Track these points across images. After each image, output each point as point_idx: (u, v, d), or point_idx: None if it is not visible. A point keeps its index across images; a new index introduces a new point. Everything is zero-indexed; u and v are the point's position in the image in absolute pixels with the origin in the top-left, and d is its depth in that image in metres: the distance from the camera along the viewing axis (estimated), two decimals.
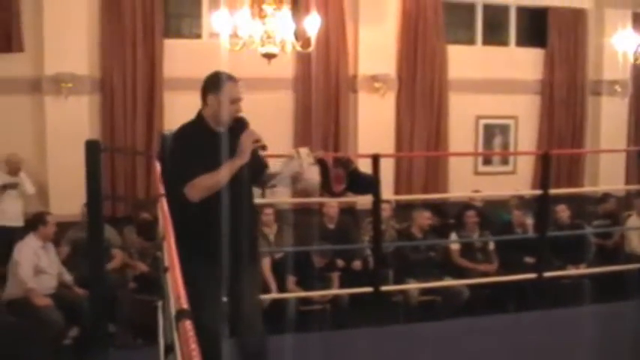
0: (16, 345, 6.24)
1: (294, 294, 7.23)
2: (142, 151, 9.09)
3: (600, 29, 10.96)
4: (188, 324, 1.59)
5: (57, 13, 8.57)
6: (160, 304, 3.97)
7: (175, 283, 1.98)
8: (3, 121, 8.64)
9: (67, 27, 8.59)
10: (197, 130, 3.77)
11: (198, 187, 3.58)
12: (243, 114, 3.87)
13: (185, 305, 1.74)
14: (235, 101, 3.76)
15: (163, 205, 3.44)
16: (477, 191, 9.57)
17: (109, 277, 6.68)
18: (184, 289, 3.48)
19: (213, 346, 3.64)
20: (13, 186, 8.30)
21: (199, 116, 3.83)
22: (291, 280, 7.43)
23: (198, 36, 9.68)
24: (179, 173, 3.66)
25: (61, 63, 8.58)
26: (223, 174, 3.62)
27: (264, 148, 3.76)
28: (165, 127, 8.69)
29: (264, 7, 6.97)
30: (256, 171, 3.90)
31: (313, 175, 4.03)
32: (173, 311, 1.86)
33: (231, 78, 3.78)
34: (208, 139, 3.71)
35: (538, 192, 7.09)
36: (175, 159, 3.76)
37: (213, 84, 3.76)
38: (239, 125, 3.77)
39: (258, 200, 5.90)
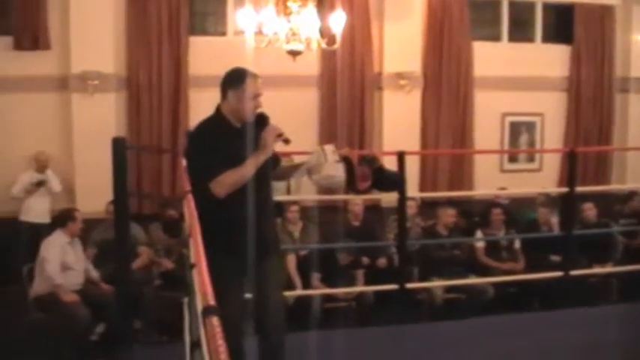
0: (44, 341, 6.31)
1: (319, 291, 7.24)
2: (168, 148, 9.14)
3: (628, 26, 10.86)
4: (215, 320, 1.59)
5: (83, 11, 8.64)
6: (185, 300, 3.98)
7: (202, 279, 1.99)
8: (30, 118, 8.74)
9: (93, 25, 8.66)
10: (217, 126, 3.77)
11: (224, 183, 3.59)
12: (268, 111, 3.85)
13: (212, 302, 1.74)
14: (255, 97, 3.75)
15: (190, 202, 3.46)
16: (502, 188, 9.52)
17: (135, 274, 6.72)
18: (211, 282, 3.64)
19: (235, 342, 3.60)
20: (41, 183, 8.40)
21: (218, 112, 3.83)
22: (315, 277, 7.43)
23: (224, 33, 9.72)
24: (203, 170, 3.66)
25: (87, 61, 8.65)
26: (248, 169, 3.63)
27: (287, 141, 3.74)
28: (191, 125, 8.75)
29: (289, 4, 6.97)
30: (272, 166, 3.91)
31: (339, 172, 4.03)
32: (200, 307, 1.87)
33: (251, 73, 3.77)
34: (229, 135, 3.72)
35: (564, 190, 7.04)
36: (197, 156, 3.75)
37: (233, 79, 3.76)
38: (259, 120, 3.76)
39: (283, 197, 5.90)
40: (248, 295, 3.96)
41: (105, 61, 8.79)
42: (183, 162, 4.39)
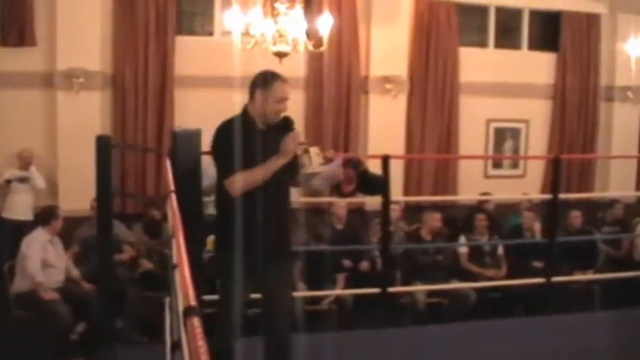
0: (24, 339, 6.27)
1: (301, 293, 7.22)
2: (153, 148, 9.10)
3: (613, 34, 10.94)
4: (196, 321, 1.58)
5: (70, 8, 8.60)
6: (167, 300, 3.97)
7: (183, 280, 1.98)
8: (14, 115, 8.68)
9: (79, 22, 8.63)
10: (241, 125, 3.79)
11: (239, 183, 3.66)
12: None
13: (193, 302, 1.74)
14: (282, 100, 3.83)
15: (173, 203, 3.43)
16: (486, 194, 9.55)
17: (118, 273, 6.69)
18: (218, 275, 3.91)
19: (226, 342, 3.83)
20: (24, 180, 8.34)
21: (244, 112, 3.89)
22: (297, 279, 7.41)
23: (211, 34, 9.70)
24: (222, 167, 3.76)
25: (73, 58, 8.61)
26: (265, 171, 3.72)
27: (306, 151, 3.83)
28: (176, 125, 8.74)
29: (277, 5, 6.95)
30: (293, 172, 3.92)
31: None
32: (181, 308, 1.86)
33: (280, 77, 3.87)
34: (252, 136, 3.78)
35: (548, 196, 7.07)
36: (219, 153, 3.81)
37: (262, 81, 3.83)
38: (285, 125, 3.84)
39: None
40: (255, 295, 4.06)
41: (91, 59, 8.75)
42: (168, 162, 4.37)
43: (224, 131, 3.82)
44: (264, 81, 3.82)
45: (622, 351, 5.29)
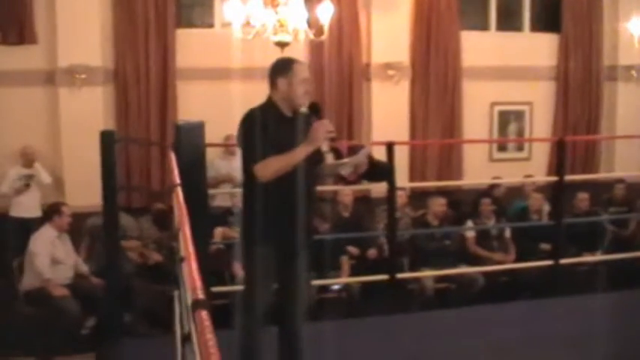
0: (34, 335, 6.29)
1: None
2: (157, 141, 9.11)
3: (615, 14, 10.87)
4: (204, 314, 1.58)
5: (69, 5, 8.60)
6: (176, 293, 3.98)
7: (191, 273, 1.98)
8: (17, 113, 8.69)
9: (79, 18, 8.62)
10: (267, 112, 3.78)
11: (269, 168, 3.63)
12: (256, 103, 3.87)
13: (201, 295, 1.74)
14: (306, 81, 3.85)
15: (178, 196, 3.44)
16: (497, 178, 9.51)
17: (125, 266, 6.72)
18: (244, 266, 3.89)
19: (252, 334, 3.87)
20: (30, 178, 8.35)
21: (269, 101, 3.86)
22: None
23: (211, 25, 9.67)
24: (250, 153, 3.71)
25: (74, 54, 8.61)
26: (296, 157, 3.67)
27: (333, 140, 3.78)
28: (179, 117, 8.74)
29: None
30: (318, 161, 3.86)
31: (328, 162, 4.02)
32: (189, 301, 1.86)
33: (297, 60, 3.91)
34: (279, 123, 3.77)
35: (554, 178, 7.06)
36: (246, 140, 3.76)
37: (280, 67, 3.84)
38: (312, 109, 3.83)
39: None
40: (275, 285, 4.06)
41: (92, 55, 8.75)
42: (172, 155, 4.37)
43: (250, 119, 3.78)
44: (285, 66, 3.83)
45: (629, 332, 5.30)
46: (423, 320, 6.24)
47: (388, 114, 9.81)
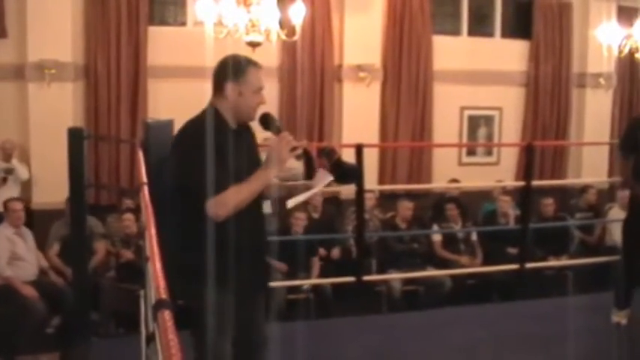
0: None
1: (280, 283, 7.24)
2: (126, 139, 9.05)
3: (585, 22, 11.00)
4: (167, 314, 1.58)
5: None
6: (142, 292, 3.96)
7: (155, 272, 1.97)
8: None
9: (50, 13, 8.52)
10: (212, 127, 3.01)
11: (229, 203, 2.94)
12: None
13: (164, 295, 1.73)
14: (259, 90, 3.15)
15: (145, 195, 3.41)
16: (454, 180, 9.63)
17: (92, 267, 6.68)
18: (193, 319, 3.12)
19: None
20: (9, 172, 8.26)
21: (214, 111, 3.12)
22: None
23: (183, 24, 9.63)
24: (197, 185, 2.93)
25: (44, 49, 8.50)
26: (258, 185, 3.05)
27: (298, 158, 3.15)
28: (150, 115, 8.69)
29: None
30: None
31: (296, 164, 4.02)
32: (153, 300, 1.86)
33: (252, 62, 3.16)
34: (228, 141, 3.05)
35: (521, 183, 7.13)
36: (190, 168, 3.00)
37: (232, 70, 3.10)
38: (265, 122, 3.18)
39: None
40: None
41: (62, 50, 8.65)
42: (141, 153, 4.34)
43: (192, 139, 3.04)
44: (236, 69, 3.09)
45: (594, 334, 5.37)
46: (391, 322, 6.28)
47: (359, 116, 9.83)
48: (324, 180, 3.29)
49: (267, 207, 3.30)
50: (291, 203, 3.31)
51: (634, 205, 5.76)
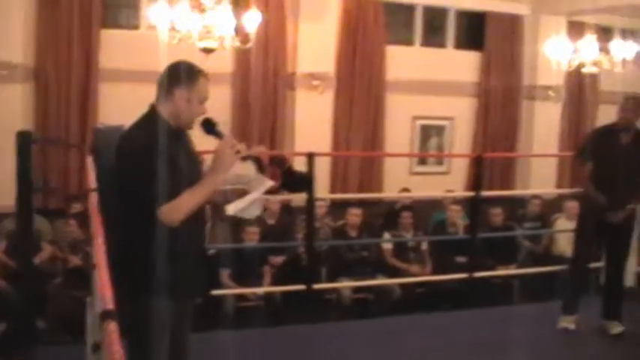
0: None
1: (229, 291, 7.21)
2: (76, 142, 8.92)
3: (536, 35, 11.17)
4: (113, 325, 1.57)
5: None
6: (89, 300, 3.92)
7: (102, 281, 1.96)
8: None
9: (1, 14, 8.38)
10: (158, 132, 3.01)
11: (181, 209, 2.96)
12: None
13: (110, 305, 1.72)
14: (204, 101, 3.19)
15: (93, 202, 3.37)
16: (405, 190, 9.71)
17: (39, 271, 6.57)
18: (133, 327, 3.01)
19: None
20: None
21: (157, 114, 3.13)
22: (225, 274, 7.40)
23: (136, 27, 9.52)
24: (147, 192, 2.93)
25: None
26: (208, 190, 3.06)
27: (245, 159, 3.18)
28: (101, 119, 8.59)
29: (204, 0, 6.91)
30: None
31: (249, 172, 4.01)
32: (99, 310, 1.84)
33: (202, 72, 3.20)
34: (175, 145, 3.09)
35: (470, 193, 7.22)
36: (138, 173, 2.98)
37: (183, 77, 3.12)
38: (207, 127, 3.20)
39: None
40: None
41: (13, 51, 8.49)
42: (90, 159, 4.29)
43: (141, 145, 3.01)
44: (188, 76, 3.11)
45: (540, 341, 5.47)
46: (341, 330, 6.30)
47: (312, 124, 9.83)
48: (262, 186, 3.34)
49: (231, 209, 3.31)
50: (231, 209, 3.32)
51: (585, 213, 5.92)
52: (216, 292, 6.88)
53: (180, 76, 3.13)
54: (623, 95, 5.90)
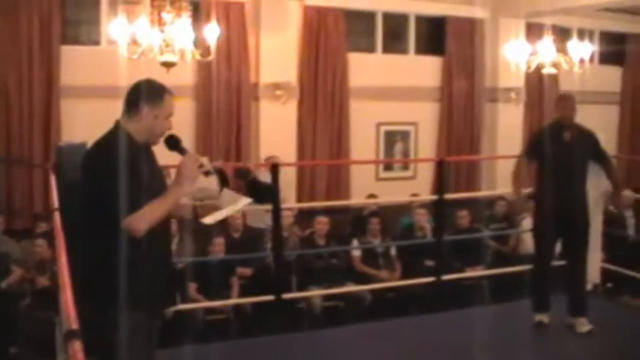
0: None
1: (197, 304, 7.19)
2: (40, 161, 8.82)
3: (496, 38, 11.29)
4: (77, 344, 1.58)
5: None
6: (57, 320, 3.89)
7: (66, 301, 1.96)
8: None
9: None
10: (124, 147, 3.10)
11: (146, 219, 3.03)
12: None
13: (75, 325, 1.72)
14: (169, 117, 3.29)
15: (57, 221, 3.35)
16: (372, 196, 9.76)
17: (7, 294, 6.50)
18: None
19: None
20: None
21: (122, 131, 3.21)
22: (192, 287, 7.38)
23: (97, 43, 9.46)
24: (113, 203, 3.00)
25: None
26: (170, 202, 3.15)
27: (207, 174, 3.26)
28: (64, 136, 8.53)
29: (163, 15, 6.91)
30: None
31: (212, 185, 4.02)
32: (64, 330, 1.84)
33: (168, 90, 3.32)
34: (140, 160, 3.17)
35: (434, 197, 7.28)
36: (105, 186, 3.04)
37: (152, 94, 3.24)
38: (171, 143, 3.30)
39: None
40: None
41: None
42: (53, 178, 4.27)
43: (107, 159, 3.08)
44: (155, 94, 3.23)
45: (510, 341, 5.53)
46: (313, 338, 6.30)
47: (276, 134, 9.84)
48: (239, 202, 3.45)
49: (209, 219, 3.43)
50: (208, 220, 3.43)
51: (539, 211, 6.01)
52: (184, 306, 6.87)
53: (147, 94, 3.24)
54: (558, 94, 6.07)
